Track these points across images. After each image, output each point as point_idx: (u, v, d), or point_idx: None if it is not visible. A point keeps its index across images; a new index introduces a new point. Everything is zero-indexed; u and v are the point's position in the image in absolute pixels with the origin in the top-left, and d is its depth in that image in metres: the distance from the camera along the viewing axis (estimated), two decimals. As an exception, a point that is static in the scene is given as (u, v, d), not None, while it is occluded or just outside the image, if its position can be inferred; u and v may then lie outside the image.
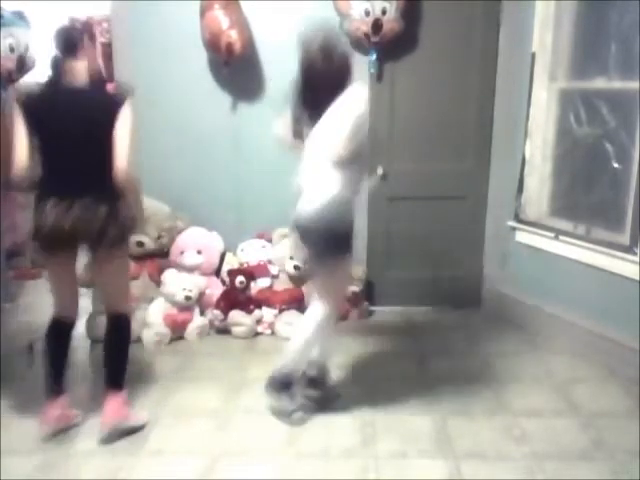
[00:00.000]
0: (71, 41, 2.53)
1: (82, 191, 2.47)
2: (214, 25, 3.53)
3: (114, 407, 2.67)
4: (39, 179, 2.53)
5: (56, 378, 2.71)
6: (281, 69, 3.80)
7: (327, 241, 2.60)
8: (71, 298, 2.72)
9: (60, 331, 2.72)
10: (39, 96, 2.55)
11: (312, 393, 2.90)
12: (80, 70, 2.52)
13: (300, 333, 2.78)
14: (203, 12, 3.57)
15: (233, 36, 3.52)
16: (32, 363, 3.45)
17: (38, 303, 4.41)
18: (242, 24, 3.60)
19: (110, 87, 2.94)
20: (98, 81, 2.60)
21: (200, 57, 3.79)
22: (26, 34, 4.13)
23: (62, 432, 2.69)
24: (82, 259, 2.77)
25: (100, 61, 2.74)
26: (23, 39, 4.01)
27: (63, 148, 2.48)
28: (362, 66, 3.73)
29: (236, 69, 3.75)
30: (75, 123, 2.46)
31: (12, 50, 3.89)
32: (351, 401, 2.94)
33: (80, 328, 3.72)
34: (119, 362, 2.73)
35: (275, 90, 3.85)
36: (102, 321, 2.81)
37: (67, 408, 2.74)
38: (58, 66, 2.53)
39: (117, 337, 2.75)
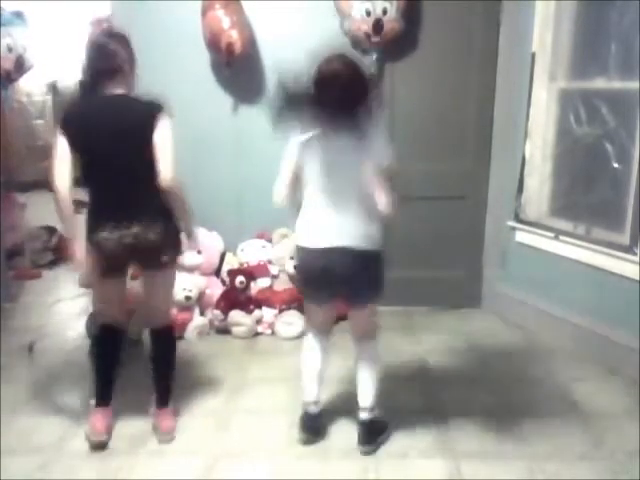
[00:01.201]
0: (111, 64, 2.45)
1: (138, 209, 2.47)
2: (215, 25, 3.53)
3: (169, 421, 2.72)
4: (90, 201, 2.50)
5: (106, 386, 2.70)
6: (283, 69, 3.83)
7: None
8: (120, 305, 2.72)
9: (111, 338, 2.71)
10: (79, 112, 2.49)
11: None
12: (114, 89, 2.47)
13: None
14: (204, 12, 3.57)
15: (234, 36, 3.52)
16: (32, 363, 3.45)
17: (38, 303, 4.43)
18: (243, 24, 3.59)
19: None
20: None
21: (201, 57, 3.79)
22: (24, 34, 4.13)
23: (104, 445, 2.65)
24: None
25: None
26: (21, 39, 4.01)
27: (111, 164, 2.43)
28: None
29: (237, 69, 3.75)
30: (119, 130, 2.41)
31: (10, 50, 3.89)
32: (351, 401, 2.94)
33: (80, 328, 3.76)
34: (170, 379, 2.76)
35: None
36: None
37: (111, 418, 2.72)
38: (91, 85, 2.46)
39: (166, 352, 2.76)
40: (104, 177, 2.47)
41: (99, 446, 2.61)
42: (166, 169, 2.43)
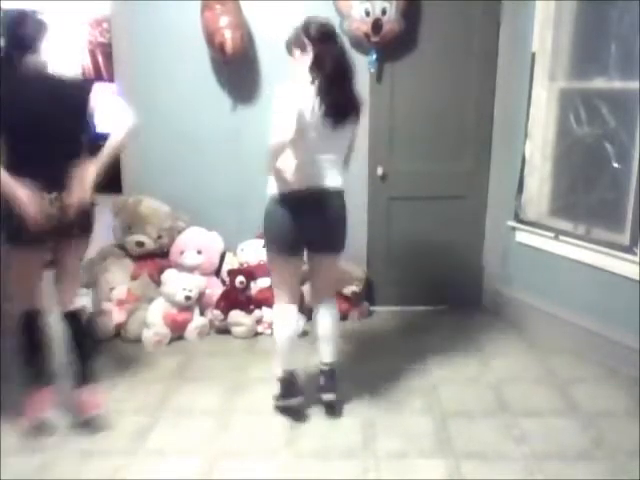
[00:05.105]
0: (30, 35, 2.51)
1: (61, 183, 2.50)
2: (210, 24, 3.55)
3: (94, 398, 2.75)
4: (16, 172, 2.46)
5: (40, 370, 2.73)
6: (281, 69, 3.83)
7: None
8: (39, 289, 2.74)
9: (35, 323, 2.72)
10: (8, 89, 2.48)
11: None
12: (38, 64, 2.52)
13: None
14: (202, 12, 3.58)
15: (226, 35, 3.52)
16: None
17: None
18: (238, 24, 3.58)
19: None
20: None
21: (200, 57, 3.79)
22: None
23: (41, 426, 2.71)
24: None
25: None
26: None
27: (34, 141, 2.46)
28: (362, 66, 3.74)
29: (236, 69, 3.75)
30: (46, 109, 2.46)
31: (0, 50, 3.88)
32: (351, 401, 2.94)
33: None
34: (90, 357, 2.79)
35: (274, 90, 3.87)
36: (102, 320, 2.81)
37: (51, 401, 2.76)
38: (13, 59, 2.49)
39: (82, 329, 2.81)
40: (36, 151, 2.48)
41: (39, 427, 2.68)
42: (124, 119, 2.55)
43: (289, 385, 2.82)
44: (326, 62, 2.48)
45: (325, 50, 2.49)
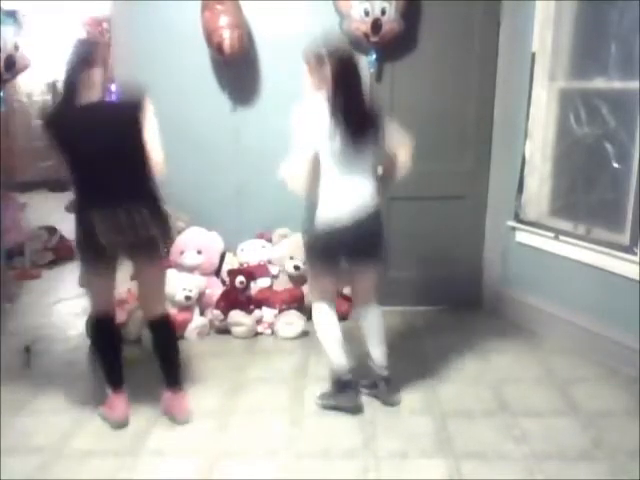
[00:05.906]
0: (89, 51, 2.58)
1: (124, 200, 2.57)
2: (210, 24, 3.55)
3: (185, 403, 2.86)
4: (78, 195, 2.60)
5: (117, 372, 2.83)
6: (281, 69, 3.84)
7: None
8: (111, 296, 2.82)
9: (108, 328, 2.81)
10: (61, 116, 2.58)
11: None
12: (96, 79, 2.55)
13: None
14: (202, 11, 3.58)
15: (224, 35, 3.53)
16: (29, 364, 3.45)
17: (38, 303, 4.43)
18: (237, 24, 3.58)
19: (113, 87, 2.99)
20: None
21: (200, 57, 3.79)
22: (16, 33, 4.10)
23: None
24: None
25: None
26: (11, 38, 3.98)
27: (97, 163, 2.53)
28: (362, 66, 3.73)
29: (236, 69, 3.75)
30: (103, 137, 2.51)
31: (-2, 50, 3.87)
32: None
33: (80, 327, 3.76)
34: (175, 362, 2.87)
35: (274, 90, 3.87)
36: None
37: (128, 401, 2.85)
38: (74, 79, 2.54)
39: (169, 337, 2.89)
40: (92, 171, 2.56)
41: (121, 426, 2.77)
42: (160, 161, 2.65)
43: (343, 384, 2.86)
44: (343, 80, 2.53)
45: (343, 69, 2.54)
